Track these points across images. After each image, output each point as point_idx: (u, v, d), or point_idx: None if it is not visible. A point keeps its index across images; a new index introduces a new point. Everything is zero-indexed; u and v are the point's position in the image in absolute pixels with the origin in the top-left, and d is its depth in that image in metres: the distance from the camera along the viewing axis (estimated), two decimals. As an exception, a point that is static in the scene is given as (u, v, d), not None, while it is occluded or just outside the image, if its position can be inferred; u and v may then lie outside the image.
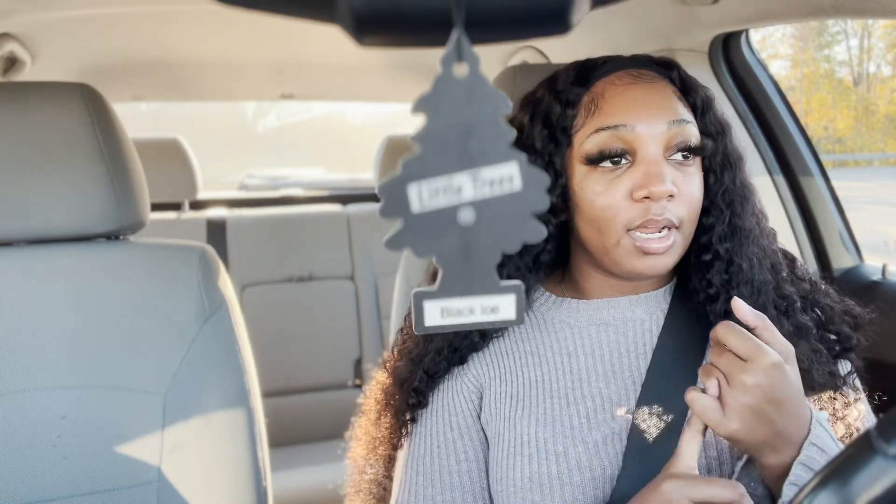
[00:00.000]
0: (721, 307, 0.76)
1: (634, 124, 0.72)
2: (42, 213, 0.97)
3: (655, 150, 0.72)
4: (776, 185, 1.34)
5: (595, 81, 0.76)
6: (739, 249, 0.77)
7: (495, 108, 0.29)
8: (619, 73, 0.76)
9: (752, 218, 0.78)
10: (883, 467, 0.41)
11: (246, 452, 0.98)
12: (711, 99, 0.78)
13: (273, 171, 3.88)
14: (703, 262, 0.77)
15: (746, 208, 0.78)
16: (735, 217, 0.77)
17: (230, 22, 1.54)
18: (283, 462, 2.01)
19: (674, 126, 0.72)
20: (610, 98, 0.74)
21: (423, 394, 0.82)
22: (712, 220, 0.77)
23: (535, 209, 0.31)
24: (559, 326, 0.82)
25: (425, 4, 0.26)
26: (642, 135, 0.72)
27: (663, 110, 0.73)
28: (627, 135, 0.72)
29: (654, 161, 0.71)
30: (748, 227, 0.77)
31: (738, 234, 0.77)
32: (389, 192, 0.30)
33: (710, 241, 0.77)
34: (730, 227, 0.77)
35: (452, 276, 0.32)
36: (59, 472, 0.93)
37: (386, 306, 2.32)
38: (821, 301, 0.80)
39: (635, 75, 0.75)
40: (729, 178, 0.77)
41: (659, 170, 0.71)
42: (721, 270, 0.76)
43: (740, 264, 0.76)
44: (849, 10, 0.92)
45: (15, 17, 1.31)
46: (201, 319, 0.99)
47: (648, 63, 0.78)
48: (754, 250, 0.77)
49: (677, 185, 0.72)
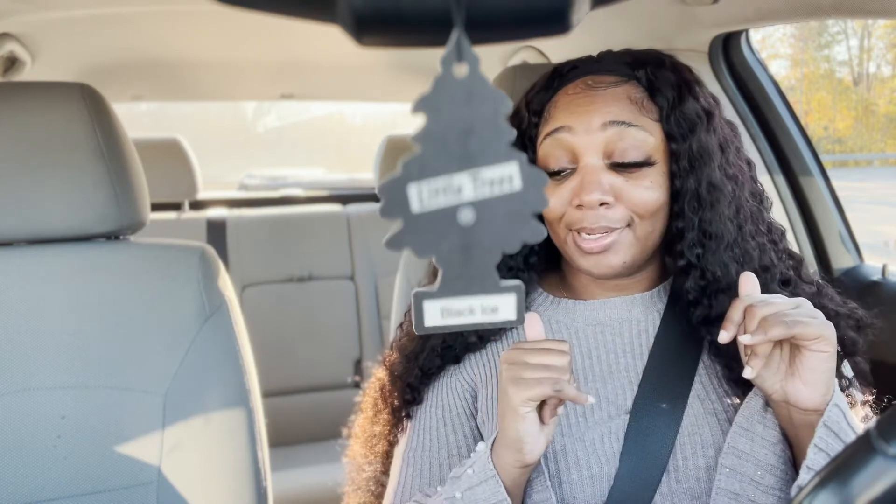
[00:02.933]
0: (702, 313, 0.75)
1: (571, 126, 0.74)
2: (42, 213, 0.97)
3: (594, 156, 0.73)
4: (776, 185, 1.34)
5: (558, 90, 0.79)
6: (712, 256, 0.74)
7: (495, 108, 0.29)
8: (577, 83, 0.77)
9: (728, 222, 0.75)
10: (883, 467, 0.41)
11: (246, 452, 0.98)
12: (684, 97, 0.75)
13: (273, 171, 3.88)
14: (680, 268, 0.76)
15: (718, 211, 0.74)
16: (704, 223, 0.74)
17: (230, 22, 1.54)
18: (283, 462, 2.01)
19: (611, 128, 0.72)
20: (560, 106, 0.77)
21: (417, 390, 0.83)
22: (682, 225, 0.75)
23: (535, 209, 0.31)
24: (556, 327, 0.82)
25: (425, 4, 0.26)
26: (579, 139, 0.73)
27: (600, 114, 0.73)
28: (565, 139, 0.74)
29: (591, 169, 0.73)
30: (719, 232, 0.74)
31: (709, 240, 0.74)
32: (389, 192, 0.30)
33: (682, 249, 0.75)
34: (700, 232, 0.75)
35: (452, 276, 0.32)
36: (59, 472, 0.93)
37: (386, 306, 2.32)
38: (826, 305, 0.79)
39: (590, 84, 0.76)
40: (694, 181, 0.74)
41: (593, 178, 0.72)
42: (696, 277, 0.75)
43: (714, 272, 0.74)
44: (849, 10, 0.92)
45: (15, 17, 1.31)
46: (201, 319, 0.99)
47: (614, 65, 0.77)
48: (730, 255, 0.74)
49: (619, 192, 0.72)
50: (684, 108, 0.75)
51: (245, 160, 5.93)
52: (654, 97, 0.75)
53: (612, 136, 0.73)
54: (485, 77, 0.29)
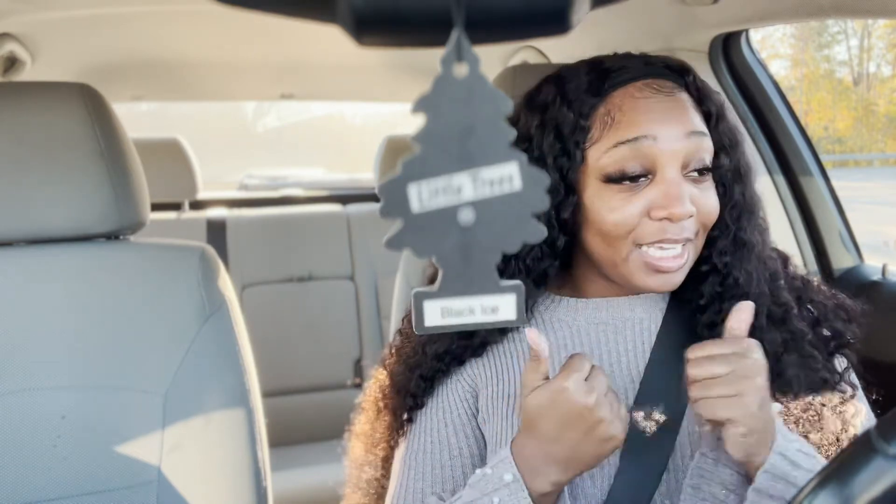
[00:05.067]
0: (709, 318, 0.75)
1: (655, 136, 0.69)
2: (42, 213, 0.97)
3: (675, 167, 0.70)
4: (776, 185, 1.34)
5: (611, 91, 0.72)
6: (739, 263, 0.75)
7: (495, 108, 0.29)
8: (638, 85, 0.72)
9: (757, 231, 0.77)
10: (883, 467, 0.41)
11: (246, 452, 0.98)
12: (724, 107, 0.76)
13: (273, 171, 3.88)
14: (700, 272, 0.76)
15: (753, 222, 0.76)
16: (740, 231, 0.76)
17: (230, 22, 1.54)
18: (283, 462, 2.01)
19: (692, 138, 0.70)
20: (629, 111, 0.71)
21: (419, 397, 0.83)
22: (716, 233, 0.75)
23: (535, 209, 0.31)
24: (557, 326, 0.82)
25: (425, 4, 0.26)
26: (663, 149, 0.69)
27: (682, 123, 0.70)
28: (646, 148, 0.69)
29: (674, 182, 0.69)
30: (752, 241, 0.76)
31: (740, 249, 0.76)
32: (389, 192, 0.30)
33: (710, 254, 0.76)
34: (733, 240, 0.76)
35: (452, 276, 0.32)
36: (59, 472, 0.93)
37: (386, 306, 2.32)
38: (814, 298, 0.80)
39: (656, 88, 0.72)
40: (739, 191, 0.76)
41: (679, 191, 0.69)
42: (715, 283, 0.76)
43: (737, 278, 0.75)
44: (849, 10, 0.92)
45: (15, 17, 1.31)
46: (201, 319, 0.99)
47: (664, 70, 0.75)
48: (755, 264, 0.76)
49: (695, 202, 0.71)
50: (725, 119, 0.75)
51: (245, 160, 5.93)
52: (702, 104, 0.74)
53: (692, 147, 0.70)
54: (485, 77, 0.29)
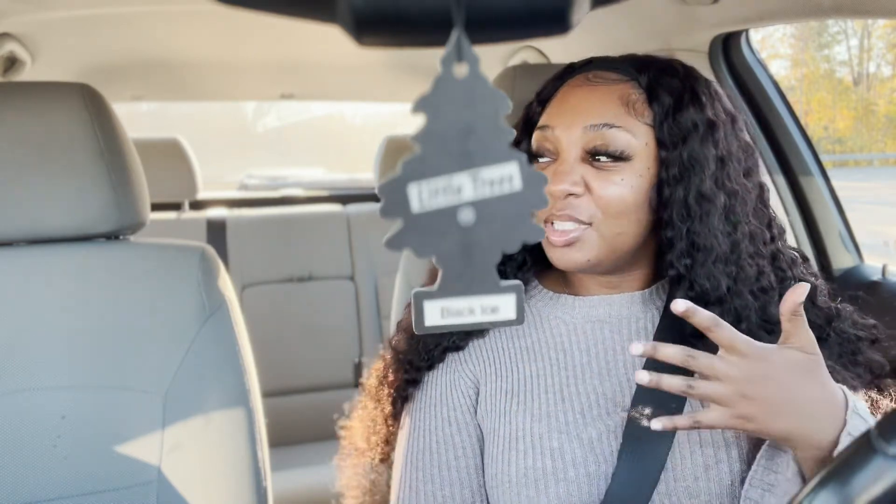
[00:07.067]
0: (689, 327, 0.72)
1: (555, 127, 0.76)
2: (42, 213, 0.97)
3: (573, 151, 0.75)
4: (776, 185, 1.34)
5: (563, 82, 0.81)
6: (700, 269, 0.73)
7: (495, 108, 0.29)
8: (579, 77, 0.79)
9: (720, 235, 0.73)
10: (883, 467, 0.41)
11: (246, 452, 0.98)
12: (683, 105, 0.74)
13: (273, 171, 3.87)
14: (670, 278, 0.76)
15: (707, 223, 0.73)
16: (693, 234, 0.73)
17: (230, 22, 1.54)
18: (283, 462, 2.01)
19: (591, 131, 0.74)
20: (555, 100, 0.79)
21: (419, 370, 0.83)
22: (671, 235, 0.74)
23: (535, 209, 0.31)
24: (555, 323, 0.82)
25: (425, 4, 0.26)
26: (559, 136, 0.76)
27: (584, 115, 0.75)
28: (550, 135, 0.77)
29: (564, 161, 0.75)
30: (708, 244, 0.73)
31: (698, 252, 0.73)
32: (389, 193, 0.30)
33: (671, 259, 0.75)
34: (688, 243, 0.74)
35: (452, 276, 0.32)
36: (59, 472, 0.93)
37: (386, 306, 2.32)
38: (846, 330, 0.77)
39: (590, 79, 0.77)
40: (683, 190, 0.73)
41: (564, 168, 0.74)
42: (685, 288, 0.74)
43: (702, 285, 0.73)
44: (849, 10, 0.92)
45: (15, 17, 1.31)
46: (201, 319, 0.99)
47: (621, 63, 0.78)
48: (721, 270, 0.73)
49: (589, 184, 0.73)
50: (680, 115, 0.74)
51: (245, 160, 5.92)
52: (651, 101, 0.75)
53: (588, 138, 0.74)
54: (485, 77, 0.29)
